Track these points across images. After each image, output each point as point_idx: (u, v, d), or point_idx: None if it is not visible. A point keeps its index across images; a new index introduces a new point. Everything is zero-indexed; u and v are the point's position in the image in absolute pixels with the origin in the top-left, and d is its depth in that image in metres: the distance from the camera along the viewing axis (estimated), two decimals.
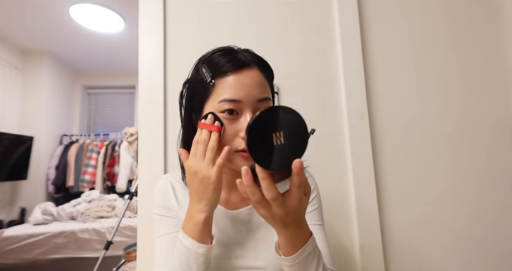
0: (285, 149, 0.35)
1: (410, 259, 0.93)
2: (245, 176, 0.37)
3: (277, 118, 0.35)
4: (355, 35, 0.98)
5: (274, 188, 0.36)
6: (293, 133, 0.36)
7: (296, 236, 0.41)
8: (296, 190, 0.37)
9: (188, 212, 0.48)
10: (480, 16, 1.07)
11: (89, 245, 2.37)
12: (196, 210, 0.46)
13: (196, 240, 0.45)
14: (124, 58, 3.36)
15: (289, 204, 0.37)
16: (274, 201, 0.36)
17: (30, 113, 3.12)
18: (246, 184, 0.37)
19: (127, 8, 2.37)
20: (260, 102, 0.48)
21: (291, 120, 0.36)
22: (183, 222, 0.48)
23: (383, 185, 0.94)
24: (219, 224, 0.55)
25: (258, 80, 0.49)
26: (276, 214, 0.38)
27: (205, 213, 0.46)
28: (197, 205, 0.46)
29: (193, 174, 0.46)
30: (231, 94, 0.47)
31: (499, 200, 0.99)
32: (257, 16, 0.97)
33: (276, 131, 0.35)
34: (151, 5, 0.93)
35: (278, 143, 0.35)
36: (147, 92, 0.89)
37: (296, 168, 0.35)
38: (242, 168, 0.37)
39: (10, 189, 2.93)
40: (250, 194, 0.37)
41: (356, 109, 0.94)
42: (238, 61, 0.49)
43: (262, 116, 0.35)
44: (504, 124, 1.02)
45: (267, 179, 0.36)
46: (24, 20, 2.56)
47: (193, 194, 0.47)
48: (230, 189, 0.57)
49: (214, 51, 0.52)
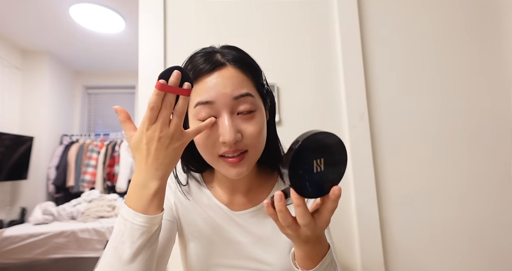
0: (324, 176, 0.34)
1: (410, 259, 0.93)
2: (278, 201, 0.35)
3: (320, 145, 0.34)
4: (355, 35, 0.98)
5: (308, 214, 0.35)
6: (334, 160, 0.35)
7: (315, 250, 0.40)
8: (329, 214, 0.36)
9: (133, 179, 0.41)
10: (480, 17, 1.07)
11: (90, 244, 2.37)
12: (153, 176, 0.40)
13: (137, 210, 0.39)
14: (124, 58, 3.35)
15: (318, 226, 0.36)
16: (306, 226, 0.35)
17: (30, 113, 3.11)
18: (279, 209, 0.35)
19: (127, 8, 2.37)
20: (237, 100, 0.45)
21: (332, 146, 0.35)
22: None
23: (383, 185, 0.94)
24: (223, 225, 0.55)
25: (232, 78, 0.46)
26: (303, 235, 0.37)
27: (160, 180, 0.40)
28: (155, 171, 0.40)
29: (158, 139, 0.39)
30: (204, 97, 0.45)
31: (500, 200, 0.98)
32: (257, 16, 0.97)
33: (317, 158, 0.33)
34: (151, 5, 0.93)
35: (318, 170, 0.33)
36: (147, 92, 0.89)
37: (335, 195, 0.34)
38: (276, 193, 0.35)
39: (10, 189, 2.94)
40: (281, 219, 0.35)
41: (356, 109, 0.94)
42: (210, 62, 0.47)
43: (306, 142, 0.33)
44: (505, 125, 1.02)
45: (303, 206, 0.34)
46: (24, 20, 2.56)
47: (152, 160, 0.40)
48: (233, 191, 0.57)
49: (196, 52, 0.51)
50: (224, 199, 0.57)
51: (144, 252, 0.39)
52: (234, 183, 0.56)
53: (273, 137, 0.56)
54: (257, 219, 0.55)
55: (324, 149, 0.34)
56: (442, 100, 1.01)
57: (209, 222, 0.55)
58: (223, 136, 0.44)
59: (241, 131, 0.46)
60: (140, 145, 0.40)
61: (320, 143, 0.34)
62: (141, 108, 0.88)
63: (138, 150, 0.40)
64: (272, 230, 0.54)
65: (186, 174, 0.60)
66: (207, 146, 0.47)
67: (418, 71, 1.02)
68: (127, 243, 0.38)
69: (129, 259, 0.38)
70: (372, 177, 0.92)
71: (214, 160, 0.48)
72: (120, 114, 0.41)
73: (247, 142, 0.46)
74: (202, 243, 0.55)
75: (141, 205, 0.40)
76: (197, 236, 0.56)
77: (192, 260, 0.55)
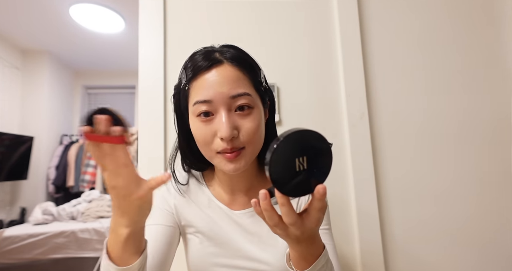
0: (308, 174, 0.33)
1: (410, 259, 0.93)
2: (263, 200, 0.35)
3: (301, 143, 0.33)
4: (355, 35, 0.98)
5: (293, 213, 0.34)
6: (317, 158, 0.34)
7: (309, 251, 0.39)
8: (316, 213, 0.35)
9: (111, 222, 0.41)
10: (480, 17, 1.07)
11: (89, 245, 2.37)
12: (119, 223, 0.40)
13: (117, 257, 0.40)
14: (124, 58, 3.35)
15: (306, 225, 0.36)
16: (292, 225, 0.35)
17: (30, 113, 3.11)
18: (264, 208, 0.35)
19: (127, 8, 2.37)
20: (234, 99, 0.46)
21: (315, 145, 0.34)
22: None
23: (383, 185, 0.94)
24: (222, 224, 0.55)
25: (229, 76, 0.47)
26: (292, 234, 0.36)
27: (128, 228, 0.40)
28: (119, 218, 0.40)
29: (112, 188, 0.38)
30: (201, 95, 0.46)
31: (500, 200, 0.98)
32: (257, 16, 0.97)
33: (299, 156, 0.33)
34: (151, 5, 0.93)
35: (301, 168, 0.33)
36: (147, 92, 0.89)
37: (319, 194, 0.33)
38: (260, 192, 0.35)
39: (10, 189, 2.94)
40: (267, 218, 0.36)
41: (356, 109, 0.94)
42: (208, 59, 0.47)
43: (286, 141, 0.32)
44: (505, 125, 1.02)
45: (287, 205, 0.34)
46: (24, 20, 2.55)
47: (115, 207, 0.40)
48: (233, 191, 0.57)
49: (196, 51, 0.51)
50: (224, 199, 0.57)
51: None
52: (234, 182, 0.56)
53: (273, 136, 0.56)
54: (256, 218, 0.55)
55: (307, 147, 0.33)
56: (442, 100, 1.01)
57: (208, 222, 0.56)
58: (220, 131, 0.45)
59: (237, 127, 0.47)
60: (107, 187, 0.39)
61: (303, 141, 0.33)
62: (141, 108, 0.88)
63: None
64: (270, 230, 0.54)
65: (186, 173, 0.60)
66: (206, 143, 0.48)
67: (418, 71, 1.02)
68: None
69: None
70: (372, 176, 0.92)
71: (212, 156, 0.49)
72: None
73: (243, 138, 0.47)
74: (202, 242, 0.55)
75: (115, 249, 0.40)
76: (197, 236, 0.56)
77: (192, 259, 0.56)
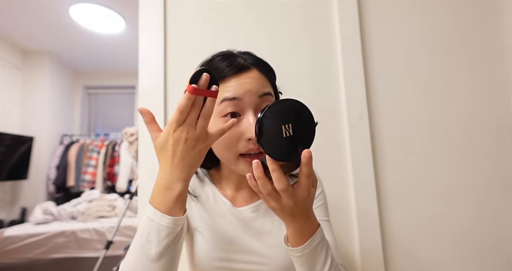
0: (294, 140, 0.36)
1: (410, 258, 0.93)
2: (256, 169, 0.37)
3: (285, 111, 0.36)
4: (355, 35, 0.98)
5: (284, 178, 0.37)
6: (301, 125, 0.37)
7: (304, 227, 0.41)
8: (305, 180, 0.37)
9: (158, 180, 0.42)
10: (480, 17, 1.07)
11: (90, 244, 2.37)
12: (176, 178, 0.41)
13: (162, 211, 0.41)
14: (124, 58, 3.36)
15: (298, 194, 0.38)
16: (284, 192, 0.37)
17: (30, 113, 3.12)
18: (257, 176, 0.37)
19: (128, 8, 2.37)
20: (261, 98, 0.48)
21: (298, 112, 0.37)
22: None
23: (383, 185, 0.94)
24: (225, 220, 0.56)
25: (258, 79, 0.50)
26: (286, 205, 0.38)
27: (185, 182, 0.41)
28: (180, 173, 0.41)
29: (184, 142, 0.40)
30: (231, 93, 0.47)
31: (500, 201, 0.98)
32: (257, 17, 0.97)
33: (285, 123, 0.36)
34: (151, 5, 0.93)
35: (287, 134, 0.36)
36: (147, 92, 0.89)
37: (305, 158, 0.36)
38: (253, 161, 0.37)
39: (10, 189, 2.94)
40: (261, 186, 0.38)
41: (356, 110, 0.94)
42: (237, 65, 0.49)
43: (271, 109, 0.36)
44: (505, 125, 1.02)
45: (278, 170, 0.36)
46: (24, 20, 2.56)
47: (178, 162, 0.40)
48: (237, 187, 0.59)
49: (214, 56, 0.53)
50: (229, 195, 0.59)
51: (170, 251, 0.41)
52: (241, 179, 0.58)
53: None
54: (257, 214, 0.57)
55: (291, 114, 0.37)
56: (443, 101, 1.01)
57: (211, 217, 0.57)
58: (249, 132, 0.46)
59: None
60: (166, 146, 0.41)
61: (287, 109, 0.37)
62: None
63: (163, 151, 0.41)
64: (272, 225, 0.56)
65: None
66: (228, 145, 0.48)
67: (418, 71, 1.02)
68: (154, 242, 0.40)
69: (156, 257, 0.40)
70: (372, 176, 0.92)
71: (233, 159, 0.49)
72: (145, 115, 0.42)
73: None
74: (204, 238, 0.56)
75: (165, 206, 0.41)
76: (200, 231, 0.57)
77: (196, 254, 0.57)
